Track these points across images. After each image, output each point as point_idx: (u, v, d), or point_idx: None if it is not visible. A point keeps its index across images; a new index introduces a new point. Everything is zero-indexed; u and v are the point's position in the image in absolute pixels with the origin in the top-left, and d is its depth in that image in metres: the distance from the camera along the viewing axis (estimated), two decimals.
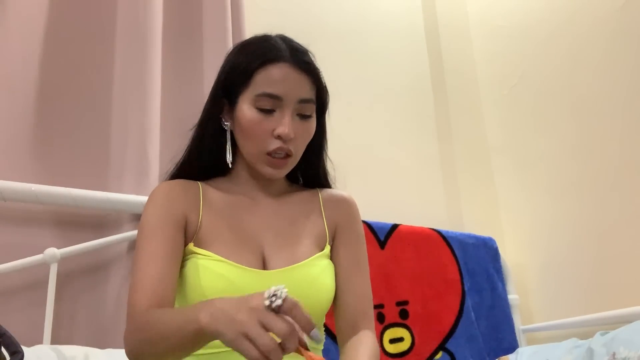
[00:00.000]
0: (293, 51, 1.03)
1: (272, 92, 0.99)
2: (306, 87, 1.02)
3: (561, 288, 1.99)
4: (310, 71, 1.04)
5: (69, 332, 1.34)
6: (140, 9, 1.58)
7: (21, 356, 0.84)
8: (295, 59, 1.02)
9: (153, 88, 1.55)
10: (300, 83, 1.01)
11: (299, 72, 1.01)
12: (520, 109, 2.25)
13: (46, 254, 1.32)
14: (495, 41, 2.41)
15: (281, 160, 1.01)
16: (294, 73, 1.01)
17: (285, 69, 1.00)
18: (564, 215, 2.00)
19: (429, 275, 1.86)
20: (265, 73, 1.00)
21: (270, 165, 1.01)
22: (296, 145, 1.02)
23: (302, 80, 1.02)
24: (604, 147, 1.89)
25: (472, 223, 2.20)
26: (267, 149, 0.99)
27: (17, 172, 1.37)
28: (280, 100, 0.99)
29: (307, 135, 1.04)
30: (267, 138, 0.99)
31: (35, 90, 1.45)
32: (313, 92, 1.04)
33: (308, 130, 1.04)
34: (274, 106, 0.99)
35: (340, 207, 1.12)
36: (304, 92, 1.02)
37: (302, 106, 1.01)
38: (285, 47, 1.03)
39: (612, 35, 1.90)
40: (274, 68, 1.00)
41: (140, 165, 1.48)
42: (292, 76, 1.01)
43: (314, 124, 1.05)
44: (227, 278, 0.93)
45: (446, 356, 1.80)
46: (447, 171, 2.30)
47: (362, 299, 1.06)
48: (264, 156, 1.00)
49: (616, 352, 1.42)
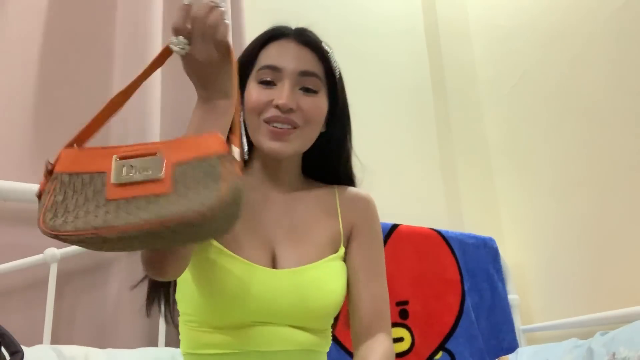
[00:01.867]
0: (298, 30, 1.02)
1: (271, 63, 0.98)
2: (308, 60, 0.99)
3: (561, 288, 1.99)
4: (314, 47, 1.01)
5: (69, 332, 1.34)
6: (140, 9, 1.58)
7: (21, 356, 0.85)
8: (298, 35, 1.01)
9: (153, 88, 1.55)
10: (301, 55, 0.99)
11: (300, 46, 1.00)
12: (520, 109, 2.25)
13: (46, 254, 1.32)
14: (495, 41, 2.41)
15: (284, 130, 0.95)
16: (296, 47, 1.00)
17: (286, 43, 1.00)
18: (564, 215, 2.00)
19: (429, 275, 1.86)
20: (267, 50, 1.00)
21: (271, 137, 0.95)
22: (301, 119, 0.97)
23: (304, 53, 1.00)
24: (604, 147, 1.88)
25: (472, 223, 2.20)
26: (264, 116, 0.96)
27: (17, 172, 1.37)
28: (280, 72, 0.97)
29: (314, 111, 0.99)
30: (265, 107, 0.96)
31: (35, 90, 1.45)
32: (318, 67, 1.00)
33: (314, 105, 0.99)
34: (274, 78, 0.97)
35: (358, 206, 1.07)
36: (305, 65, 0.99)
37: (304, 79, 0.98)
38: (291, 28, 1.03)
39: (612, 35, 1.90)
40: (276, 44, 1.00)
41: None
42: (293, 49, 0.99)
43: (321, 100, 1.00)
44: (235, 275, 0.90)
45: (446, 356, 1.80)
46: (447, 171, 2.30)
47: (378, 301, 1.03)
48: (263, 126, 0.96)
49: (616, 352, 1.42)
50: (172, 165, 0.67)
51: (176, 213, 0.63)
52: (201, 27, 0.76)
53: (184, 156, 0.68)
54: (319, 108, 1.00)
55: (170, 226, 0.63)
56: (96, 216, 0.65)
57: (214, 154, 0.68)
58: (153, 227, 0.63)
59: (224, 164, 0.68)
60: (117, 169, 0.68)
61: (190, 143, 0.71)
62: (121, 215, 0.64)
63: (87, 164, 0.70)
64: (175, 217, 0.63)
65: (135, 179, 0.67)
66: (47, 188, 0.69)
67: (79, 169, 0.70)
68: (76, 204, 0.67)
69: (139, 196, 0.66)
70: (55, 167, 0.71)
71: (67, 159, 0.71)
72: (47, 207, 0.67)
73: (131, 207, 0.65)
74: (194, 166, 0.68)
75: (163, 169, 0.67)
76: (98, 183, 0.68)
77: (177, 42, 0.76)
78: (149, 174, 0.67)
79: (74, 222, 0.65)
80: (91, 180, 0.68)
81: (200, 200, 0.64)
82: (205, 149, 0.69)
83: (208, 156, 0.68)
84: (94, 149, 0.73)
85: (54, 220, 0.65)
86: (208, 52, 0.77)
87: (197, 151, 0.69)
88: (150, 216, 0.64)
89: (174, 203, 0.64)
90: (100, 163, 0.69)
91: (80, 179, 0.69)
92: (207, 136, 0.71)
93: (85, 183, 0.68)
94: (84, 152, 0.73)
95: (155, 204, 0.65)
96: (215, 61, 0.78)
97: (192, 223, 0.64)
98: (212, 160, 0.68)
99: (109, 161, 0.69)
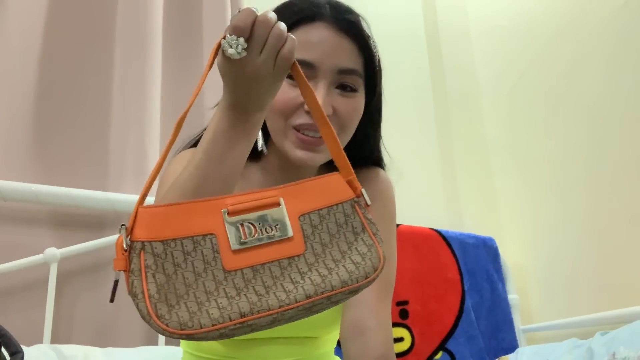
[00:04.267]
0: (334, 8, 0.85)
1: (304, 59, 0.80)
2: (348, 54, 0.84)
3: (561, 288, 1.99)
4: (356, 34, 0.85)
5: (69, 331, 1.34)
6: (140, 9, 1.58)
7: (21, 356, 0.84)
8: (336, 18, 0.84)
9: (153, 88, 1.55)
10: (341, 48, 0.83)
11: (339, 34, 0.83)
12: (520, 109, 2.25)
13: (46, 254, 1.32)
14: (495, 41, 2.41)
15: (314, 139, 0.81)
16: (334, 36, 0.83)
17: (322, 31, 0.82)
18: (564, 215, 2.00)
19: (429, 275, 1.86)
20: (297, 35, 0.80)
21: (300, 146, 0.82)
22: (337, 125, 0.83)
23: (344, 45, 0.83)
24: (604, 147, 1.88)
25: (472, 223, 2.20)
26: (294, 122, 0.82)
27: (17, 172, 1.37)
28: (314, 69, 0.81)
29: (352, 115, 0.85)
30: (295, 110, 0.82)
31: (35, 90, 1.45)
32: (359, 61, 0.85)
33: (353, 108, 0.85)
34: (306, 74, 0.74)
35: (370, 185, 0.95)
36: (345, 60, 0.83)
37: (342, 77, 0.83)
38: (326, 2, 0.85)
39: (612, 34, 1.90)
40: (310, 28, 0.83)
41: (140, 165, 1.48)
42: (331, 39, 0.82)
43: (360, 101, 0.87)
44: None
45: (446, 356, 1.80)
46: (447, 171, 2.30)
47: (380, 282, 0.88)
48: (290, 132, 0.82)
49: (616, 352, 1.42)
50: (297, 217, 0.58)
51: (344, 282, 0.55)
52: (266, 33, 0.63)
53: (308, 205, 0.59)
54: (357, 110, 0.87)
55: (335, 296, 0.54)
56: (230, 299, 0.51)
57: (344, 200, 0.61)
58: (316, 302, 0.54)
59: (360, 212, 0.60)
60: (233, 229, 0.55)
61: (311, 187, 0.61)
62: (266, 296, 0.52)
63: (184, 224, 0.54)
64: (346, 287, 0.55)
65: (262, 241, 0.55)
66: (133, 264, 0.51)
67: (175, 232, 0.53)
68: (186, 283, 0.51)
69: (269, 262, 0.54)
70: (137, 233, 0.52)
71: (153, 220, 0.53)
72: (149, 294, 0.50)
73: (268, 279, 0.53)
74: (323, 216, 0.58)
75: (289, 224, 0.57)
76: (206, 250, 0.53)
77: (236, 43, 0.61)
78: (276, 233, 0.55)
79: (201, 312, 0.50)
80: (195, 246, 0.53)
81: (369, 263, 0.56)
82: (332, 195, 0.60)
83: (338, 203, 0.60)
84: (186, 203, 0.56)
85: (176, 315, 0.49)
86: (266, 64, 0.64)
87: (322, 197, 0.60)
88: (309, 290, 0.53)
89: (329, 269, 0.55)
90: (204, 222, 0.55)
91: (180, 246, 0.53)
92: (329, 178, 0.63)
93: (188, 252, 0.53)
94: (174, 209, 0.55)
95: (300, 273, 0.54)
96: (268, 75, 0.65)
97: (360, 289, 0.56)
98: (345, 208, 0.60)
99: (217, 218, 0.55)
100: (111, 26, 1.59)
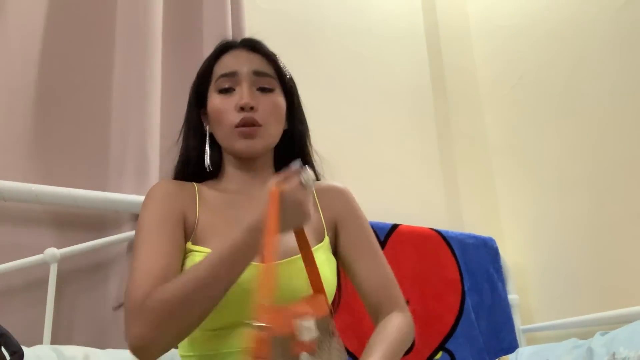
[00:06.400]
0: (244, 39, 1.12)
1: (227, 71, 1.06)
2: (260, 61, 1.08)
3: (561, 288, 1.99)
4: (262, 51, 1.09)
5: (69, 332, 1.34)
6: (140, 9, 1.58)
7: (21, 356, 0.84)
8: (246, 43, 1.10)
9: (153, 88, 1.55)
10: (252, 58, 1.08)
11: (249, 51, 1.09)
12: (520, 109, 2.25)
13: (46, 254, 1.32)
14: (495, 41, 2.41)
15: (250, 129, 1.02)
16: (245, 53, 1.08)
17: (237, 51, 1.09)
18: (564, 215, 2.00)
19: (429, 275, 1.86)
20: (221, 61, 1.09)
21: (241, 136, 1.02)
22: (263, 117, 1.03)
23: (254, 57, 1.08)
24: (604, 147, 1.88)
25: (472, 223, 2.20)
26: (234, 122, 1.02)
27: (17, 172, 1.37)
28: (236, 76, 1.05)
29: (274, 109, 1.06)
30: (232, 113, 1.03)
31: (35, 90, 1.45)
32: (270, 68, 1.08)
33: (272, 102, 1.06)
34: (232, 84, 1.05)
35: (337, 198, 1.12)
36: (257, 65, 1.07)
37: (259, 79, 1.06)
38: (238, 39, 1.13)
39: (612, 35, 1.90)
40: (228, 54, 1.09)
41: (140, 165, 1.48)
42: (244, 55, 1.08)
43: (278, 97, 1.07)
44: None
45: (446, 356, 1.80)
46: (447, 171, 2.30)
47: (382, 281, 1.05)
48: (234, 132, 1.03)
49: (616, 352, 1.42)
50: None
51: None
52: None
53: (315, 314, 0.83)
54: (277, 104, 1.07)
55: None
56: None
57: (327, 314, 0.86)
58: None
59: (331, 322, 0.87)
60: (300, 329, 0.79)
61: (313, 302, 0.86)
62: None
63: (281, 325, 0.76)
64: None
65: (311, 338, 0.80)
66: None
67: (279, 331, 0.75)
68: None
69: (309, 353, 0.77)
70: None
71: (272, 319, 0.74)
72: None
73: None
74: (318, 324, 0.81)
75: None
76: (287, 341, 0.76)
77: (309, 177, 0.88)
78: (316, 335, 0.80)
79: None
80: (283, 340, 0.75)
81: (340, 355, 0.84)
82: (321, 309, 0.86)
83: (325, 316, 0.85)
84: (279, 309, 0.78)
85: None
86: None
87: (317, 310, 0.84)
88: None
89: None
90: (288, 323, 0.78)
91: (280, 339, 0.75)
92: (317, 296, 0.89)
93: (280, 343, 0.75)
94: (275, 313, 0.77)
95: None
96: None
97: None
98: (328, 320, 0.85)
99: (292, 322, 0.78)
100: (111, 26, 1.58)
